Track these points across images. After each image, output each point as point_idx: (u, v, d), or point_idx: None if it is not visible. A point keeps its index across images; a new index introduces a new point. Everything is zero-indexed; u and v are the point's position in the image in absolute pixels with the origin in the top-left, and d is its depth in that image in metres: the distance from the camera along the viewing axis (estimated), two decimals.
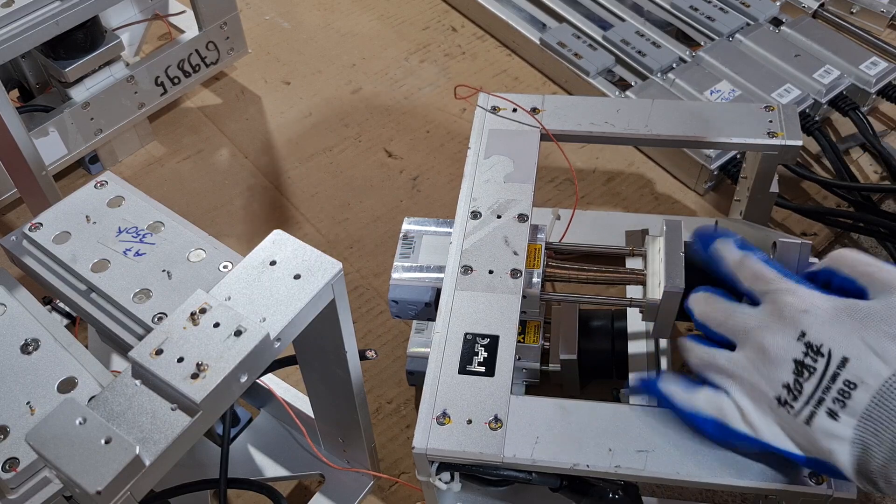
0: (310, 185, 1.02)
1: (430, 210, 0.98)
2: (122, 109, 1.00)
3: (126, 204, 0.63)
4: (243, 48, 1.11)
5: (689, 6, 1.11)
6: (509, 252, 0.67)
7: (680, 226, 0.66)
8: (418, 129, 1.08)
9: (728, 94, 0.98)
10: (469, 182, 0.72)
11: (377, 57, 1.18)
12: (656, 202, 0.98)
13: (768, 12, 1.10)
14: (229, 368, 0.47)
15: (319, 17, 1.24)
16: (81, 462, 0.43)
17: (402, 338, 0.86)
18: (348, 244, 0.96)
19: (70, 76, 0.94)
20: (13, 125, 0.81)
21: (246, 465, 0.74)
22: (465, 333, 0.62)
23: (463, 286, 0.65)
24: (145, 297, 0.57)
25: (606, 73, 1.07)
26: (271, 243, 0.55)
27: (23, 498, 0.52)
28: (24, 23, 0.81)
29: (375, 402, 0.82)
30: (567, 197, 0.99)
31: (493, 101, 0.79)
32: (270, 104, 1.12)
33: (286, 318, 0.51)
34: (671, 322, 0.66)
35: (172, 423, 0.46)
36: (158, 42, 1.17)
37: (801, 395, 0.49)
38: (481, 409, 0.58)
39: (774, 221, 0.94)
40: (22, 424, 0.53)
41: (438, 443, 0.56)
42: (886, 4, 1.14)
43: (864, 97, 1.01)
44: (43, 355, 0.57)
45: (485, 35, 1.20)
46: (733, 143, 0.76)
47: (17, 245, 0.62)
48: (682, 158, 0.97)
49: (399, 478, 0.77)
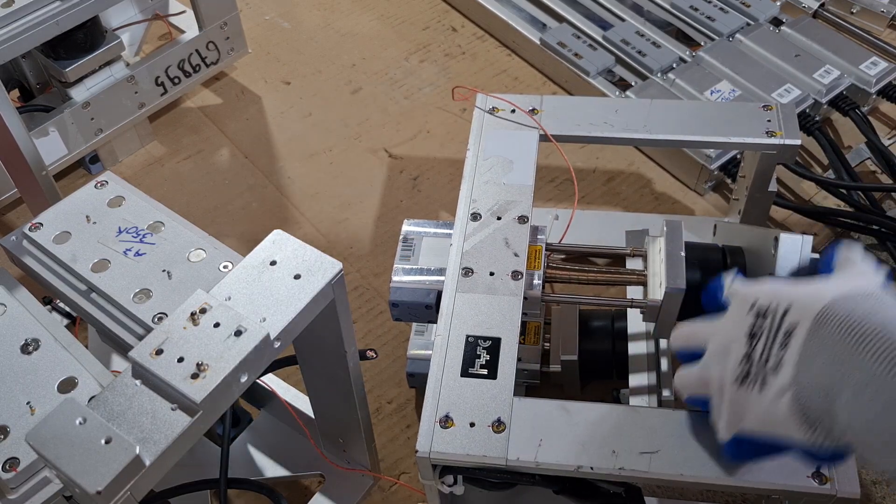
0: (310, 185, 1.02)
1: (430, 210, 0.98)
2: (122, 109, 1.00)
3: (126, 204, 0.63)
4: (243, 48, 1.11)
5: (689, 6, 1.11)
6: (510, 254, 0.67)
7: (680, 226, 0.66)
8: (418, 129, 1.08)
9: (728, 94, 0.98)
10: (468, 183, 0.72)
11: (377, 57, 1.18)
12: (656, 202, 0.98)
13: (768, 12, 1.10)
14: (229, 368, 0.47)
15: (319, 17, 1.24)
16: (81, 462, 0.43)
17: (402, 338, 0.86)
18: (348, 244, 0.96)
19: (70, 76, 0.94)
20: (13, 125, 0.81)
21: (246, 465, 0.74)
22: (467, 336, 0.62)
23: (464, 288, 0.65)
24: (145, 297, 0.57)
25: (606, 73, 1.07)
26: (271, 243, 0.55)
27: (23, 498, 0.52)
28: (25, 23, 0.81)
29: (375, 402, 0.82)
30: (567, 197, 0.99)
31: (491, 101, 0.79)
32: (270, 104, 1.12)
33: (286, 318, 0.51)
34: (672, 322, 0.66)
35: (172, 423, 0.46)
36: (158, 42, 1.17)
37: (753, 361, 0.49)
38: (484, 412, 0.57)
39: (774, 221, 0.94)
40: (22, 424, 0.53)
41: (441, 446, 0.56)
42: (886, 4, 1.14)
43: (864, 97, 1.01)
44: (43, 355, 0.57)
45: (485, 35, 1.20)
46: (732, 143, 0.76)
47: (17, 245, 0.62)
48: (682, 158, 0.97)
49: (399, 478, 0.77)
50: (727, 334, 0.51)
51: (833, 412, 0.44)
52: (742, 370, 0.49)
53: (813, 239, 0.61)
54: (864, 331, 0.44)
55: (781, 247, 0.60)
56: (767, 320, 0.49)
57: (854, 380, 0.43)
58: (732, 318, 0.52)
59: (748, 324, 0.50)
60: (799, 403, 0.46)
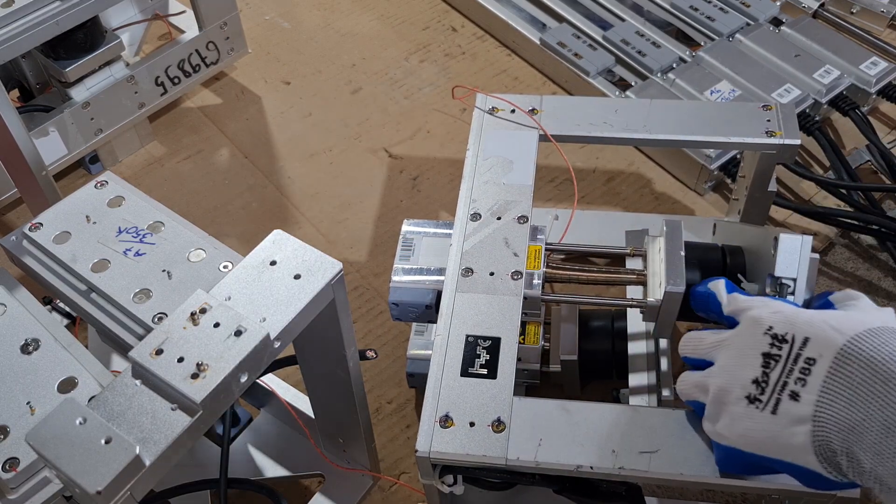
0: (310, 185, 1.02)
1: (430, 210, 0.98)
2: (122, 109, 1.00)
3: (126, 204, 0.63)
4: (243, 48, 1.11)
5: (689, 6, 1.11)
6: (510, 253, 0.67)
7: (680, 226, 0.66)
8: (418, 129, 1.08)
9: (728, 94, 0.98)
10: (468, 183, 0.72)
11: (377, 57, 1.18)
12: (656, 202, 0.98)
13: (768, 12, 1.10)
14: (229, 368, 0.47)
15: (319, 17, 1.24)
16: (81, 462, 0.43)
17: (402, 338, 0.86)
18: (348, 244, 0.96)
19: (70, 76, 0.94)
20: (13, 125, 0.81)
21: (246, 465, 0.74)
22: (467, 336, 0.62)
23: (463, 288, 0.65)
24: (145, 297, 0.57)
25: (606, 73, 1.07)
26: (271, 243, 0.55)
27: (23, 498, 0.52)
28: (25, 23, 0.81)
29: (375, 402, 0.82)
30: (567, 197, 0.99)
31: (491, 101, 0.79)
32: (270, 104, 1.12)
33: (286, 318, 0.51)
34: (672, 322, 0.66)
35: (172, 423, 0.46)
36: (158, 42, 1.17)
37: (767, 386, 0.49)
38: (484, 412, 0.58)
39: (774, 221, 0.94)
40: (22, 424, 0.53)
41: (441, 446, 0.56)
42: (886, 4, 1.14)
43: (864, 97, 1.01)
44: (43, 355, 0.57)
45: (485, 35, 1.20)
46: (731, 143, 0.76)
47: (17, 245, 0.62)
48: (682, 158, 0.97)
49: (399, 478, 0.77)
50: (740, 351, 0.52)
51: (854, 452, 0.44)
52: (755, 390, 0.50)
53: (813, 239, 0.61)
54: (889, 370, 0.44)
55: (781, 246, 0.60)
56: (784, 348, 0.49)
57: (879, 421, 0.43)
58: (745, 338, 0.52)
59: (763, 346, 0.50)
60: (817, 438, 0.46)
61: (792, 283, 0.60)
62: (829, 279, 0.90)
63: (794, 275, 0.60)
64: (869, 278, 0.90)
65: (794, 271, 0.60)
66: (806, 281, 0.60)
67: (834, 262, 0.92)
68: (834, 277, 0.90)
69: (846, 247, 0.93)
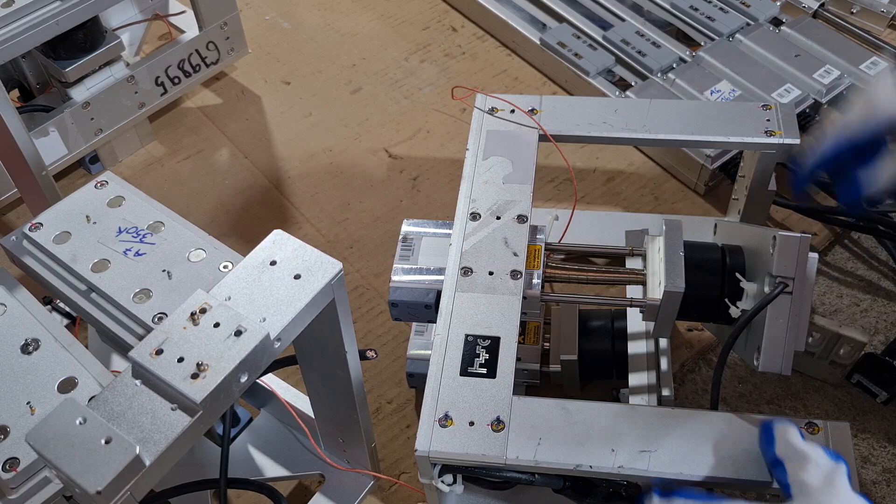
0: (310, 185, 1.02)
1: (430, 210, 0.98)
2: (122, 109, 1.00)
3: (126, 204, 0.63)
4: (243, 48, 1.11)
5: (689, 6, 1.11)
6: (509, 253, 0.67)
7: (680, 226, 0.66)
8: (418, 129, 1.08)
9: (728, 94, 0.98)
10: (468, 183, 0.72)
11: (377, 57, 1.18)
12: (656, 202, 0.98)
13: (768, 12, 1.10)
14: (229, 368, 0.47)
15: (319, 17, 1.24)
16: (81, 462, 0.43)
17: (402, 338, 0.86)
18: (348, 244, 0.96)
19: (70, 76, 0.94)
20: (13, 125, 0.81)
21: (246, 465, 0.74)
22: (466, 335, 0.62)
23: (463, 288, 0.65)
24: (145, 297, 0.57)
25: (606, 73, 1.07)
26: (271, 243, 0.55)
27: (23, 498, 0.52)
28: (25, 23, 0.81)
29: (375, 402, 0.82)
30: (567, 197, 0.99)
31: (490, 101, 0.79)
32: (270, 104, 1.12)
33: (286, 319, 0.51)
34: (672, 322, 0.66)
35: (172, 423, 0.46)
36: (158, 42, 1.17)
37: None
38: (483, 411, 0.58)
39: (774, 221, 0.94)
40: (22, 424, 0.53)
41: (441, 445, 0.56)
42: (886, 4, 1.14)
43: None
44: (43, 355, 0.57)
45: (485, 35, 1.20)
46: (731, 143, 0.76)
47: (17, 245, 0.62)
48: (682, 158, 0.97)
49: (399, 478, 0.77)
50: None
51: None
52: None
53: (812, 238, 0.61)
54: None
55: (779, 246, 0.60)
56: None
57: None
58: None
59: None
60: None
61: (790, 283, 0.60)
62: (829, 279, 0.90)
63: (791, 274, 0.60)
64: (869, 278, 0.90)
65: (792, 270, 0.61)
66: (806, 281, 0.60)
67: (834, 262, 0.92)
68: (834, 277, 0.90)
69: (846, 247, 0.93)
